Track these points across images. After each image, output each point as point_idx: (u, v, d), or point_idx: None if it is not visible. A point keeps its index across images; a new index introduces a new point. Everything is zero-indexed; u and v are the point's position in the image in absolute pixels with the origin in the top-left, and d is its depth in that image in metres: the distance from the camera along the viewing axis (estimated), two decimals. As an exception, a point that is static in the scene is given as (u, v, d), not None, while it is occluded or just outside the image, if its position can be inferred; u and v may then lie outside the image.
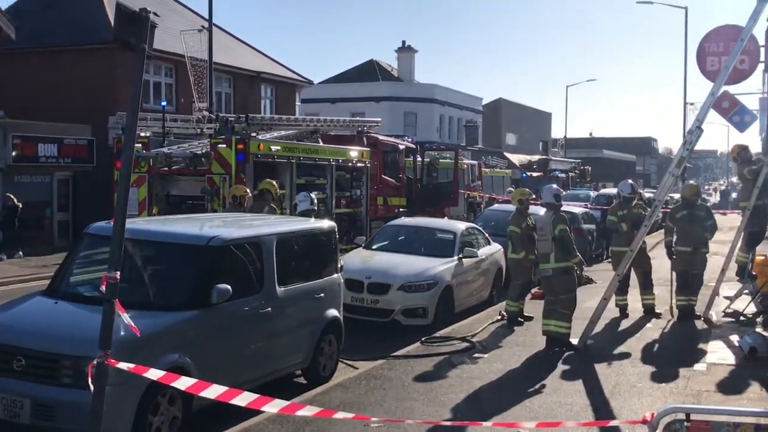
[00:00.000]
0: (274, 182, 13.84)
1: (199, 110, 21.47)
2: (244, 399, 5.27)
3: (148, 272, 7.85)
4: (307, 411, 5.26)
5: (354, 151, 18.65)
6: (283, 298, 8.75)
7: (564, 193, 18.51)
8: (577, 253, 11.42)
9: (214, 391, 5.40)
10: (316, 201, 13.28)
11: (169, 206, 15.58)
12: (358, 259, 13.89)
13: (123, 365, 5.42)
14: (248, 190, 13.38)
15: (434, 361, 10.38)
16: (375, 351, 10.86)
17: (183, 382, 5.60)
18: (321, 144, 18.44)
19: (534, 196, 14.53)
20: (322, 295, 9.59)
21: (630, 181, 14.61)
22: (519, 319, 13.02)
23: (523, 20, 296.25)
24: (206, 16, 26.14)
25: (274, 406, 5.23)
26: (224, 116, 18.35)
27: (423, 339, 11.49)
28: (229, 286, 7.64)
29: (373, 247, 14.83)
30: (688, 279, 13.26)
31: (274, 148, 15.79)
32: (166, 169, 15.71)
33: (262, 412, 6.27)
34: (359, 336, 11.33)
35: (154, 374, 5.65)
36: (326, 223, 10.45)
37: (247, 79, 31.89)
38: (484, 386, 9.24)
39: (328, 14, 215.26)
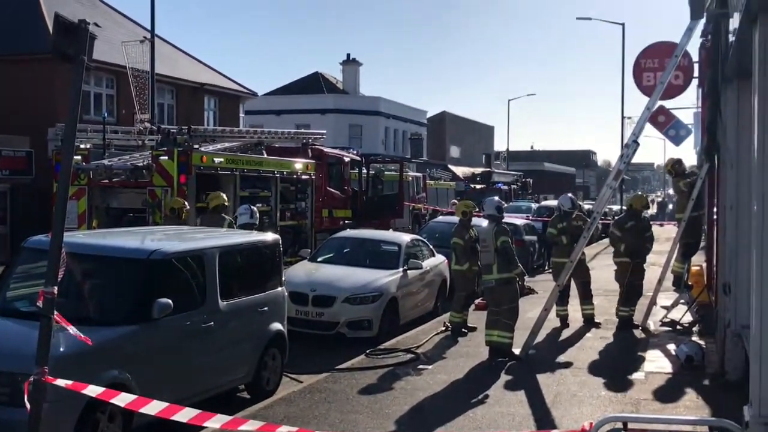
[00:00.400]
0: (223, 195, 13.81)
1: (141, 122, 21.16)
2: (185, 415, 5.21)
3: (87, 287, 7.72)
4: (250, 426, 5.23)
5: (299, 163, 18.61)
6: (225, 312, 8.67)
7: (506, 205, 18.72)
8: (519, 264, 11.59)
9: (154, 408, 5.33)
10: (257, 214, 13.21)
11: (109, 219, 15.30)
12: (302, 271, 13.84)
13: (60, 382, 5.32)
14: (186, 203, 13.29)
15: (379, 373, 10.40)
16: (319, 364, 10.83)
17: (122, 399, 5.52)
18: (265, 156, 18.33)
19: (477, 208, 14.69)
20: (265, 308, 9.53)
21: (570, 195, 14.85)
22: (463, 330, 13.13)
23: (466, 34, 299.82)
24: (148, 26, 25.80)
25: (216, 422, 5.19)
26: (166, 128, 18.12)
27: (368, 351, 11.51)
28: (170, 301, 7.55)
29: (318, 259, 14.81)
30: (634, 290, 13.56)
31: (217, 160, 15.66)
32: (107, 181, 15.43)
33: (204, 428, 6.21)
34: (304, 349, 11.29)
35: (92, 391, 5.56)
36: (270, 236, 10.40)
37: (190, 91, 31.56)
38: (428, 398, 9.29)
39: (273, 26, 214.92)
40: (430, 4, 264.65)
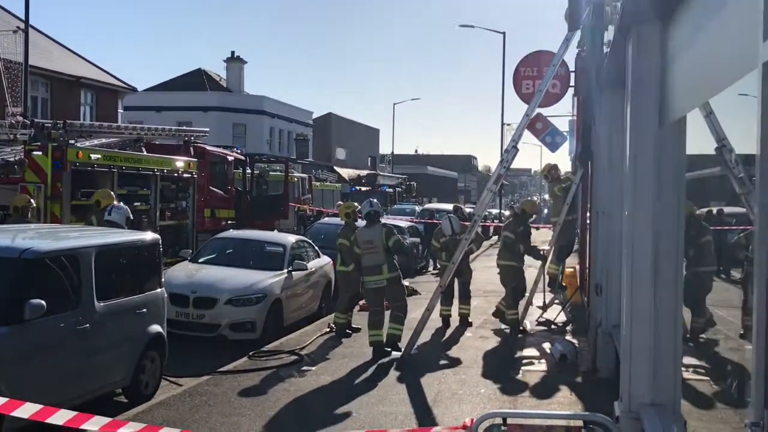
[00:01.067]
0: (112, 193, 13.57)
1: (13, 115, 20.11)
2: (61, 417, 5.01)
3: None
4: (130, 428, 5.07)
5: (180, 162, 18.17)
6: (102, 313, 8.36)
7: (389, 207, 18.82)
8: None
9: (27, 410, 5.08)
10: (129, 213, 12.68)
11: (-24, 217, 14.47)
12: (183, 272, 13.53)
13: None
14: (33, 201, 12.79)
15: (262, 375, 10.29)
16: (200, 367, 10.61)
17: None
18: (145, 153, 17.80)
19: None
20: (144, 310, 9.26)
21: (450, 216, 14.64)
22: (347, 330, 13.18)
23: (353, 37, 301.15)
24: (22, 16, 24.59)
25: (94, 424, 5.00)
26: (40, 122, 17.29)
27: (251, 353, 11.37)
28: (43, 302, 7.22)
29: (200, 260, 14.51)
30: (519, 293, 13.96)
31: (94, 156, 15.08)
32: (-26, 177, 14.60)
33: (82, 431, 5.97)
34: (184, 352, 11.03)
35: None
36: (149, 236, 10.11)
37: (65, 84, 30.28)
38: (312, 399, 9.27)
39: (154, 21, 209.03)
40: (318, 5, 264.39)
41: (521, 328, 13.62)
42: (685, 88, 5.35)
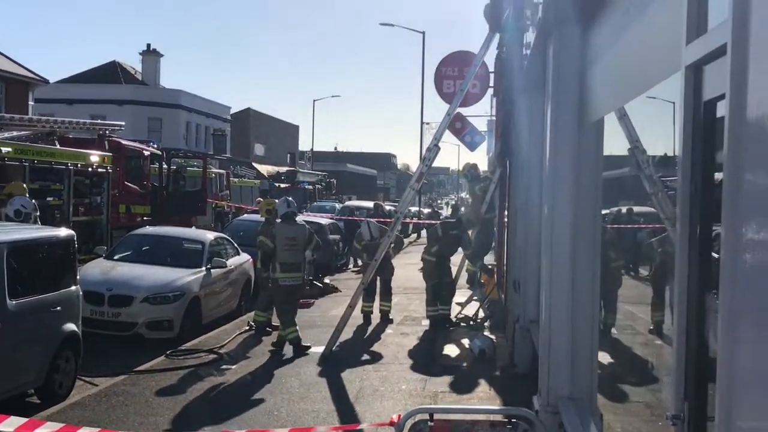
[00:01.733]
0: (24, 185, 13.16)
1: None
2: None
3: None
4: (48, 428, 4.91)
5: (94, 156, 17.65)
6: (14, 312, 8.06)
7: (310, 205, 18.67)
8: None
9: None
10: (35, 207, 12.18)
11: None
12: (98, 270, 13.15)
13: None
14: None
15: (180, 374, 10.12)
16: (116, 366, 10.35)
17: None
18: (58, 147, 17.23)
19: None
20: (58, 308, 8.97)
21: (372, 222, 14.73)
22: (267, 328, 13.06)
23: (274, 32, 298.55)
24: (-77, 0, 23.46)
25: (9, 425, 4.82)
26: (-55, 113, 16.57)
27: (168, 352, 11.16)
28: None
29: (115, 257, 14.14)
30: (442, 289, 14.07)
31: (4, 149, 14.51)
32: None
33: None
34: (100, 351, 10.74)
35: None
36: (63, 232, 9.79)
37: (-29, 74, 29.09)
38: (231, 398, 9.17)
39: (67, 11, 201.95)
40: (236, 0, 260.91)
41: (454, 321, 13.87)
42: (605, 90, 5.52)
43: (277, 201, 14.29)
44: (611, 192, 7.27)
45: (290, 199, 12.75)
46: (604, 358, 6.88)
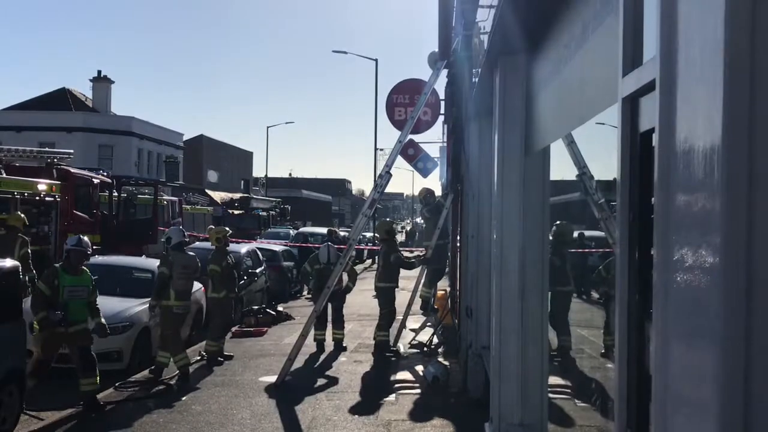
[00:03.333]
0: (21, 214, 14.04)
1: None
2: None
3: None
4: None
5: (42, 184, 17.38)
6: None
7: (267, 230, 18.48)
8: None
9: None
10: None
11: None
12: (45, 300, 12.85)
13: None
14: None
15: (130, 407, 9.92)
16: (64, 400, 10.10)
17: None
18: (4, 175, 16.91)
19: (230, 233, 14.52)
20: (1, 341, 8.74)
21: (329, 248, 14.64)
22: (219, 358, 12.91)
23: (226, 58, 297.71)
24: None
25: None
26: None
27: (117, 384, 10.95)
28: None
29: (64, 287, 13.83)
30: (392, 316, 14.09)
31: (-53, 178, 14.22)
32: None
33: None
34: (46, 384, 10.47)
35: None
36: (8, 263, 9.57)
37: None
38: (181, 430, 9.00)
39: (13, 36, 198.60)
40: (189, 24, 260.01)
41: (393, 350, 13.78)
42: (550, 119, 5.61)
43: (227, 228, 14.19)
44: (562, 217, 7.38)
45: (182, 228, 12.95)
46: (556, 382, 6.93)
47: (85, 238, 10.68)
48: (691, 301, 2.08)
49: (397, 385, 11.48)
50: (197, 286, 15.17)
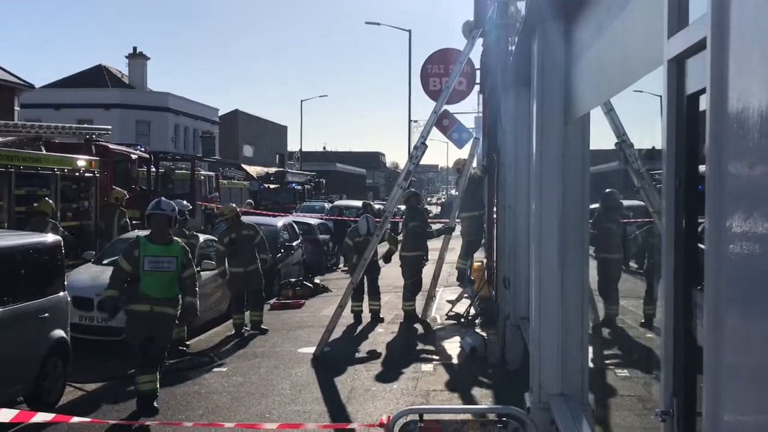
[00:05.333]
0: (50, 201, 14.50)
1: None
2: (6, 415, 4.85)
3: None
4: (40, 417, 4.94)
5: (81, 161, 17.56)
6: (1, 319, 8.00)
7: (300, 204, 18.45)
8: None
9: None
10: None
11: None
12: (87, 275, 13.06)
13: None
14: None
15: (171, 378, 10.06)
16: (106, 372, 10.29)
17: None
18: (44, 152, 17.12)
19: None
20: (46, 315, 8.90)
21: (368, 219, 14.71)
22: (263, 327, 13.16)
23: (260, 33, 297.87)
24: None
25: (3, 416, 4.85)
26: (-72, 120, 16.43)
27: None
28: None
29: (104, 262, 14.01)
30: (416, 286, 14.18)
31: (-11, 155, 14.44)
32: None
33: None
34: (89, 357, 10.67)
35: None
36: (50, 238, 9.73)
37: (-45, 80, 28.89)
38: (223, 400, 9.12)
39: (51, 13, 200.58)
40: (222, 1, 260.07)
41: (423, 320, 13.85)
42: (589, 85, 5.50)
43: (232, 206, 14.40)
44: (601, 186, 7.28)
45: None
46: (597, 352, 6.88)
47: (169, 201, 9.54)
48: (746, 271, 2.02)
49: (435, 356, 11.49)
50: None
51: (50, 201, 14.96)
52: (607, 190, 7.19)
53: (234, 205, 14.67)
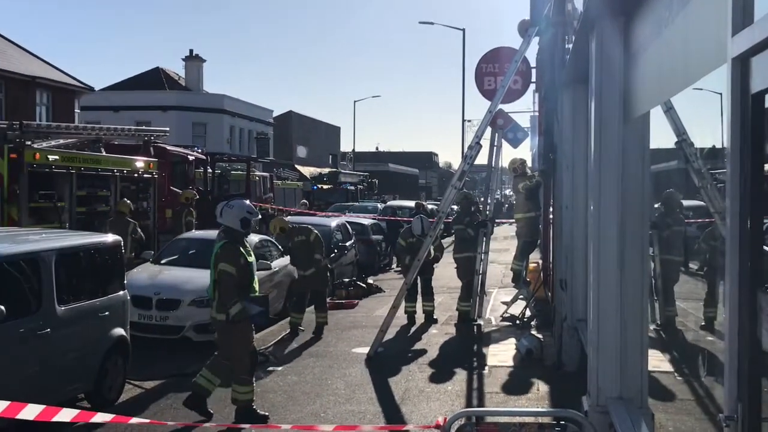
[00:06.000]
0: (127, 201, 15.57)
1: (-34, 116, 19.67)
2: (30, 412, 4.98)
3: None
4: (99, 418, 5.05)
5: (140, 162, 17.92)
6: (63, 317, 8.20)
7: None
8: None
9: (32, 412, 5.03)
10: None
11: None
12: (145, 274, 13.34)
13: None
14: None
15: (227, 376, 10.17)
16: (165, 370, 10.48)
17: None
18: (104, 154, 17.52)
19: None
20: (106, 313, 9.10)
21: (422, 219, 14.67)
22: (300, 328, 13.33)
23: (313, 33, 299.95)
24: (-27, 14, 24.04)
25: (65, 416, 4.97)
26: (-5, 123, 16.92)
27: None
28: (2, 307, 7.05)
29: (162, 261, 14.32)
30: (471, 286, 14.11)
31: (51, 157, 14.81)
32: (-72, 179, 14.23)
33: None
34: (148, 355, 10.88)
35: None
36: (110, 238, 9.94)
37: (20, 84, 29.67)
38: (278, 399, 9.20)
39: (110, 18, 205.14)
40: (275, 3, 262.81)
41: (476, 321, 13.82)
42: (650, 84, 5.40)
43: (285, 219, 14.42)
44: (660, 186, 7.14)
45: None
46: (656, 355, 6.75)
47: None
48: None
49: (490, 358, 11.41)
50: (289, 259, 15.47)
51: (128, 201, 15.63)
52: (668, 191, 7.05)
53: (277, 218, 14.64)
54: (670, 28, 4.53)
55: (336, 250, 19.00)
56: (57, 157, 15.05)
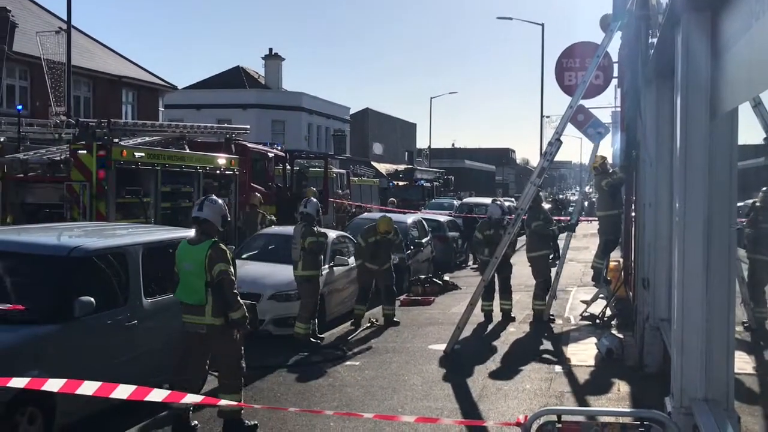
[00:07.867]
0: (258, 194, 16.88)
1: (56, 115, 20.46)
2: (123, 392, 5.20)
3: (5, 284, 7.42)
4: (189, 399, 5.24)
5: (222, 159, 18.30)
6: (149, 310, 8.47)
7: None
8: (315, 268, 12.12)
9: (89, 387, 5.26)
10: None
11: (24, 215, 14.75)
12: (226, 268, 13.61)
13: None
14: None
15: (306, 370, 10.34)
16: (245, 362, 10.66)
17: (53, 384, 5.40)
18: (187, 151, 17.97)
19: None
20: (191, 305, 9.32)
21: (499, 202, 14.76)
22: (395, 320, 13.43)
23: (389, 31, 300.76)
24: (64, 17, 24.98)
25: (157, 395, 5.19)
26: (85, 121, 17.55)
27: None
28: (92, 299, 7.32)
29: (243, 256, 14.60)
30: (546, 285, 13.98)
31: (137, 154, 15.26)
32: (22, 175, 14.88)
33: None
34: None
35: (18, 382, 5.41)
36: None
37: (107, 83, 30.72)
38: (356, 393, 9.29)
39: (193, 19, 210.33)
40: (352, 3, 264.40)
41: (551, 319, 13.71)
42: (739, 78, 5.23)
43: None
44: (746, 183, 6.92)
45: (312, 199, 13.09)
46: (743, 357, 6.55)
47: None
48: None
49: (569, 357, 11.26)
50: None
51: (258, 195, 16.96)
52: (765, 188, 6.83)
53: (387, 218, 14.68)
54: (761, 21, 4.39)
55: (412, 247, 19.03)
56: (143, 154, 15.50)
